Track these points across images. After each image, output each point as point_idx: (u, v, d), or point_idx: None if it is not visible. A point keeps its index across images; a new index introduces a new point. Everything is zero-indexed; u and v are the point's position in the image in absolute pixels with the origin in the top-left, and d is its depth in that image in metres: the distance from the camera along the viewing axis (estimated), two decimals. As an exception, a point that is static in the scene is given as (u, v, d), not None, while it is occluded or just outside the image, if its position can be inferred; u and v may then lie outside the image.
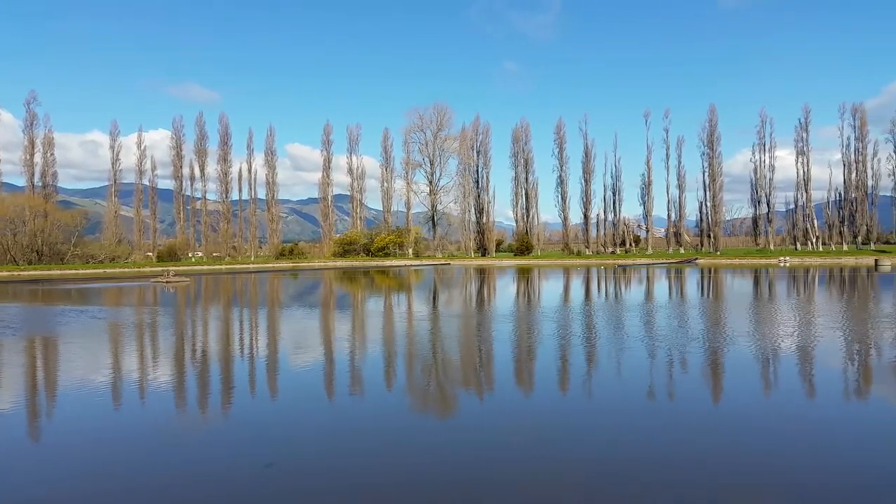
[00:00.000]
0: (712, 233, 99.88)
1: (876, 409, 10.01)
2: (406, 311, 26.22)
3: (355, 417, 9.51)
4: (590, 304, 28.00)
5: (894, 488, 6.49)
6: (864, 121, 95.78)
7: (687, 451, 7.84)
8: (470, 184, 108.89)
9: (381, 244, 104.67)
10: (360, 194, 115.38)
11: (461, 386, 11.93)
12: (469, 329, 19.75)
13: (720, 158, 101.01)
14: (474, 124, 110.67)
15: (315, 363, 14.00)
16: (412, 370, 13.38)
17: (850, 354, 14.49)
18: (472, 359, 14.66)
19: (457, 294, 36.82)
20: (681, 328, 18.70)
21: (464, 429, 8.98)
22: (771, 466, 7.18)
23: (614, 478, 6.92)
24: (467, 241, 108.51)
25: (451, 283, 48.22)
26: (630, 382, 11.90)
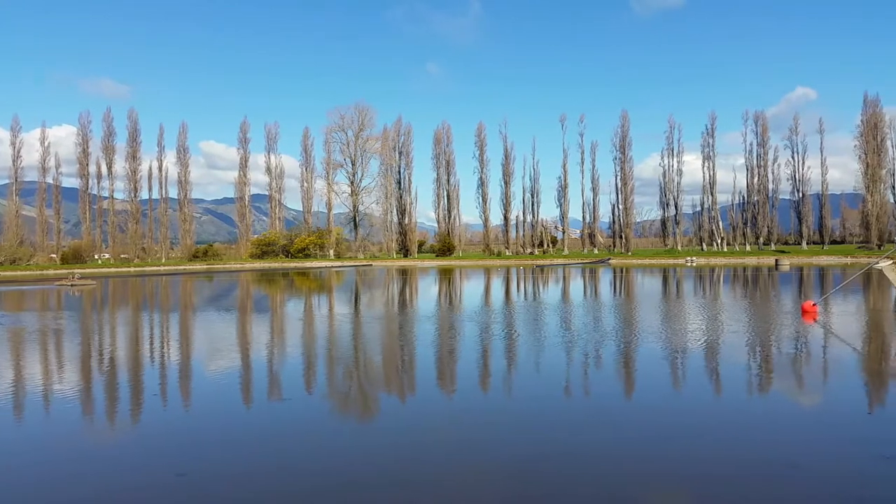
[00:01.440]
0: (624, 234, 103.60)
1: (777, 402, 10.71)
2: (327, 314, 25.94)
3: (272, 423, 9.37)
4: (510, 304, 28.52)
5: (799, 477, 6.98)
6: (765, 127, 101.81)
7: (605, 445, 8.15)
8: (392, 185, 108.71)
9: (302, 245, 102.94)
10: (279, 194, 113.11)
11: (382, 388, 11.94)
12: (391, 331, 19.75)
13: (631, 163, 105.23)
14: (396, 125, 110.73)
15: (231, 369, 13.68)
16: (332, 374, 13.29)
17: (752, 349, 15.40)
18: (394, 361, 14.69)
19: (379, 295, 36.70)
20: (595, 327, 19.35)
21: (385, 431, 9.01)
22: (683, 458, 7.58)
23: (536, 475, 7.12)
24: (389, 242, 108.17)
25: (373, 284, 48.00)
26: (548, 381, 12.23)
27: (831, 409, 10.07)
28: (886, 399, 10.72)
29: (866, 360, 14.31)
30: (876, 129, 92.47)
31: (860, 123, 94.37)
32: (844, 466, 7.15)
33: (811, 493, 6.44)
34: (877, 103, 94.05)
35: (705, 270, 60.60)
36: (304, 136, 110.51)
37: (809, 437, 8.40)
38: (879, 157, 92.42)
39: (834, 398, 10.82)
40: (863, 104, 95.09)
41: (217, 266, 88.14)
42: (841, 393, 11.19)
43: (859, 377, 12.68)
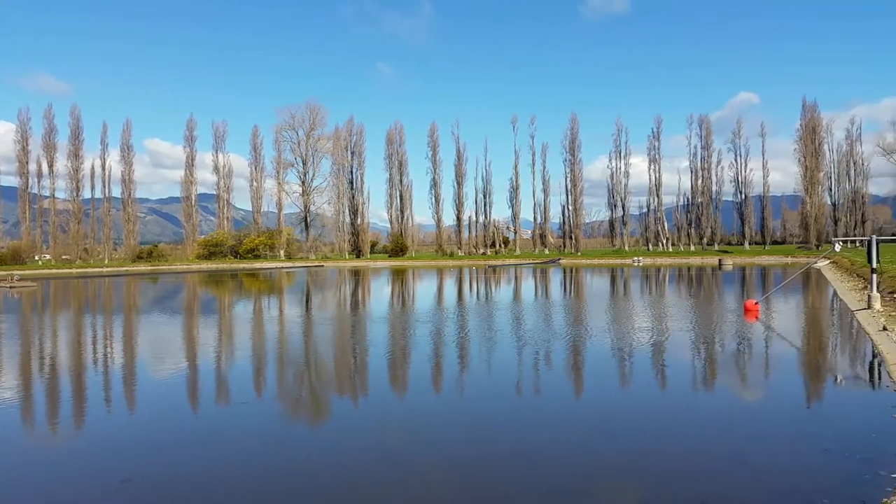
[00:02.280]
0: (574, 234, 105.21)
1: (723, 399, 11.03)
2: (277, 316, 25.58)
3: (220, 427, 9.19)
4: (462, 305, 28.63)
5: (746, 471, 7.20)
6: (709, 131, 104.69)
7: (558, 443, 8.25)
8: (344, 184, 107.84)
9: (251, 246, 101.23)
10: (228, 194, 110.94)
11: (336, 391, 11.84)
12: (343, 333, 19.60)
13: (581, 164, 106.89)
14: (348, 125, 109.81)
15: (177, 373, 13.36)
16: (283, 376, 13.11)
17: (697, 347, 15.82)
18: (347, 363, 14.57)
19: (331, 297, 36.37)
20: (546, 327, 19.58)
21: (340, 433, 8.93)
22: (632, 456, 7.73)
23: (491, 474, 7.16)
24: (342, 242, 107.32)
25: (325, 285, 47.54)
26: (501, 380, 12.33)
27: (774, 405, 10.42)
28: (825, 394, 11.16)
29: (806, 357, 14.87)
30: (814, 133, 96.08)
31: (799, 128, 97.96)
32: (788, 460, 7.40)
33: (758, 487, 6.64)
34: (815, 108, 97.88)
35: (651, 270, 62.00)
36: (254, 134, 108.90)
37: (754, 433, 8.67)
38: (818, 161, 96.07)
39: (776, 394, 11.20)
40: (802, 109, 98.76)
41: (162, 267, 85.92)
42: (783, 389, 11.59)
43: (799, 373, 13.16)
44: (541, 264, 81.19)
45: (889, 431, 8.13)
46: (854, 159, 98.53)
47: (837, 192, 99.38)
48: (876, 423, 8.56)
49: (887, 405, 9.34)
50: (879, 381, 11.40)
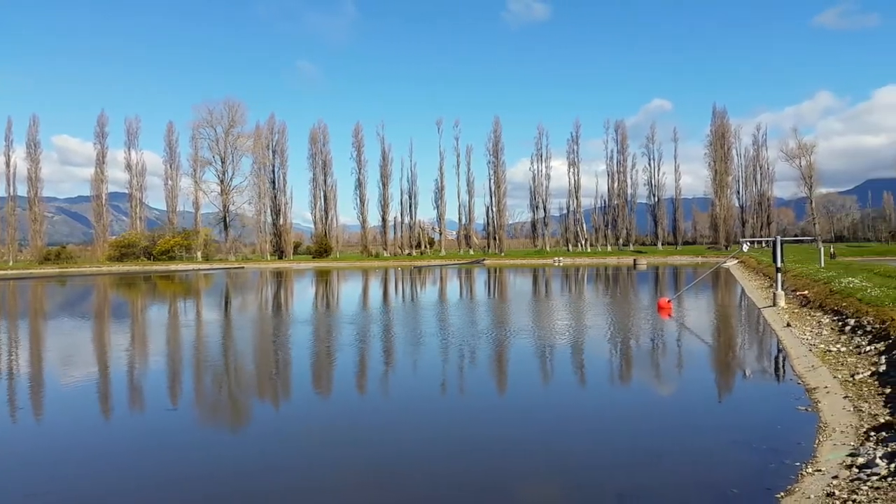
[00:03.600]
0: (497, 235, 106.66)
1: (638, 394, 11.42)
2: (194, 320, 24.73)
3: (132, 437, 8.80)
4: (388, 306, 28.51)
5: (661, 464, 7.46)
6: (624, 136, 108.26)
7: (482, 442, 8.33)
8: (266, 184, 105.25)
9: (166, 247, 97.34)
10: (141, 192, 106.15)
11: (257, 395, 11.55)
12: (264, 336, 19.15)
13: (504, 167, 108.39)
14: (269, 122, 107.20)
15: (85, 381, 12.69)
16: (200, 382, 12.68)
17: (614, 344, 16.33)
18: (268, 367, 14.25)
19: (251, 299, 35.48)
20: (470, 327, 19.75)
21: (262, 438, 8.71)
22: (553, 452, 7.89)
23: (418, 474, 7.15)
24: (263, 243, 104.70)
25: (245, 287, 46.34)
26: (425, 381, 12.34)
27: (687, 399, 10.89)
28: (734, 388, 11.74)
29: (716, 353, 15.60)
30: (723, 138, 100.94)
31: (709, 133, 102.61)
32: (700, 452, 7.74)
33: (671, 478, 6.91)
34: (724, 115, 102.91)
35: (571, 270, 63.61)
36: (168, 131, 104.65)
37: (668, 426, 9.03)
38: (726, 165, 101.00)
39: (689, 388, 11.70)
40: (712, 116, 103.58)
41: (71, 269, 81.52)
42: (695, 383, 12.13)
43: (710, 368, 13.81)
44: (465, 264, 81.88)
45: (793, 422, 8.62)
46: (760, 164, 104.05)
47: (745, 195, 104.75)
48: (781, 415, 9.06)
49: (791, 397, 9.91)
50: (784, 374, 12.08)
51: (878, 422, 7.68)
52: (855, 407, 8.63)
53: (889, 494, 5.38)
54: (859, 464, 6.35)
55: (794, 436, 7.91)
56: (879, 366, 10.38)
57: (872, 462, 6.23)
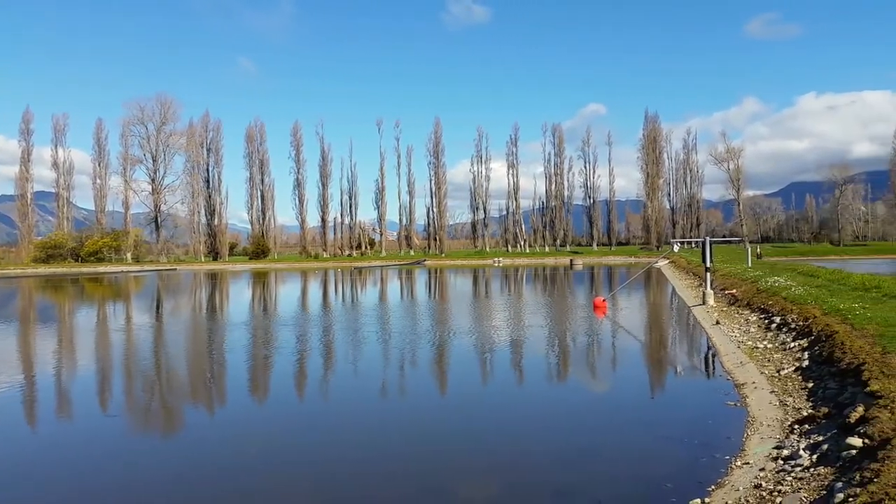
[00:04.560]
0: (438, 236, 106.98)
1: (573, 392, 11.63)
2: (124, 324, 23.85)
3: (62, 444, 8.42)
4: (327, 307, 28.18)
5: (593, 460, 7.61)
6: (561, 139, 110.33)
7: (418, 443, 8.32)
8: (200, 183, 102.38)
9: (94, 248, 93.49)
10: (68, 192, 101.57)
11: (191, 401, 11.23)
12: (197, 340, 18.64)
13: (445, 168, 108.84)
14: (204, 120, 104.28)
15: (9, 389, 12.06)
16: (130, 390, 12.24)
17: (550, 343, 16.58)
18: (202, 372, 13.86)
19: (184, 302, 34.47)
20: (410, 328, 19.72)
21: (190, 443, 8.47)
22: (488, 451, 7.95)
23: (356, 475, 7.08)
24: (197, 244, 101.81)
25: (178, 290, 44.99)
26: (365, 383, 12.24)
27: (621, 396, 11.16)
28: (666, 385, 12.10)
29: (649, 350, 16.05)
30: (655, 142, 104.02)
31: (642, 137, 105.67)
32: (635, 448, 7.94)
33: (607, 474, 7.07)
34: (656, 119, 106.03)
35: (511, 270, 64.34)
36: (97, 128, 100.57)
37: (604, 423, 9.24)
38: (658, 168, 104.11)
39: (623, 385, 11.99)
40: (644, 120, 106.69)
41: (-10, 272, 77.40)
42: (629, 380, 12.44)
43: (643, 366, 14.20)
44: (406, 265, 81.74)
45: (722, 417, 8.94)
46: (690, 167, 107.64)
47: (676, 197, 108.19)
48: (711, 410, 9.39)
49: (721, 393, 10.28)
50: (714, 371, 12.53)
51: (802, 415, 8.05)
52: (780, 401, 9.02)
53: (811, 484, 5.64)
54: (784, 456, 6.64)
55: (723, 430, 8.21)
56: (803, 361, 10.88)
57: (796, 454, 6.53)
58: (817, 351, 10.94)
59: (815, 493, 5.38)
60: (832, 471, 5.75)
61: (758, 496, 5.70)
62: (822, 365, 9.99)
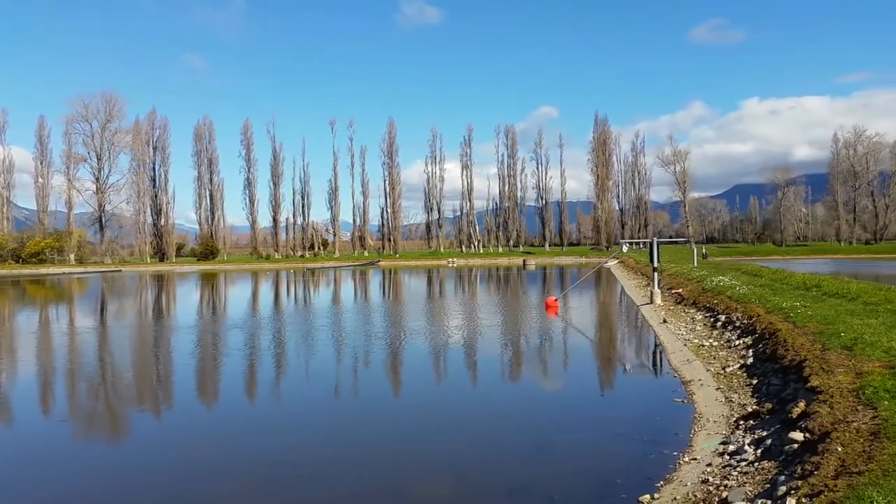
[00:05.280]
0: (392, 237, 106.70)
1: (526, 390, 11.72)
2: (67, 327, 23.03)
3: (2, 453, 8.07)
4: (279, 309, 27.77)
5: (546, 457, 7.67)
6: (514, 141, 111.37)
7: (373, 443, 8.25)
8: (146, 182, 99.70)
9: (35, 249, 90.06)
10: (8, 191, 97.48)
11: (136, 406, 10.90)
12: (143, 344, 18.14)
13: (399, 168, 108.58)
14: (151, 117, 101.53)
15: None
16: (74, 394, 11.82)
17: (504, 343, 16.68)
18: (148, 376, 13.49)
19: (129, 304, 33.51)
20: (363, 329, 19.58)
21: (138, 449, 8.22)
22: (445, 451, 7.95)
23: (305, 478, 6.98)
24: (143, 245, 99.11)
25: (123, 292, 43.72)
26: (317, 385, 12.10)
27: (572, 394, 11.30)
28: (616, 382, 12.31)
29: (599, 349, 16.31)
30: (605, 145, 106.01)
31: (592, 140, 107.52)
32: (585, 445, 8.05)
33: (559, 471, 7.14)
34: (606, 122, 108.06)
35: (465, 271, 64.57)
36: (40, 125, 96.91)
37: (555, 421, 9.33)
38: (608, 170, 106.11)
39: (574, 384, 12.15)
40: (594, 123, 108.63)
41: (-80, 274, 73.81)
42: (579, 379, 12.61)
43: (594, 364, 14.42)
44: (360, 266, 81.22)
45: (670, 414, 9.14)
46: (638, 169, 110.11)
47: (624, 199, 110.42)
48: (659, 407, 9.59)
49: (668, 390, 10.51)
50: (661, 368, 12.80)
51: (747, 411, 8.28)
52: (726, 398, 9.27)
53: (756, 478, 5.80)
54: (730, 451, 6.82)
55: (671, 426, 8.39)
56: (747, 358, 11.21)
57: (742, 449, 6.71)
58: (761, 348, 11.29)
59: (760, 487, 5.53)
60: (775, 464, 5.93)
61: (705, 491, 5.84)
62: (766, 362, 10.30)
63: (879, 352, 8.27)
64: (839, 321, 11.04)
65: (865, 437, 5.34)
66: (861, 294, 14.92)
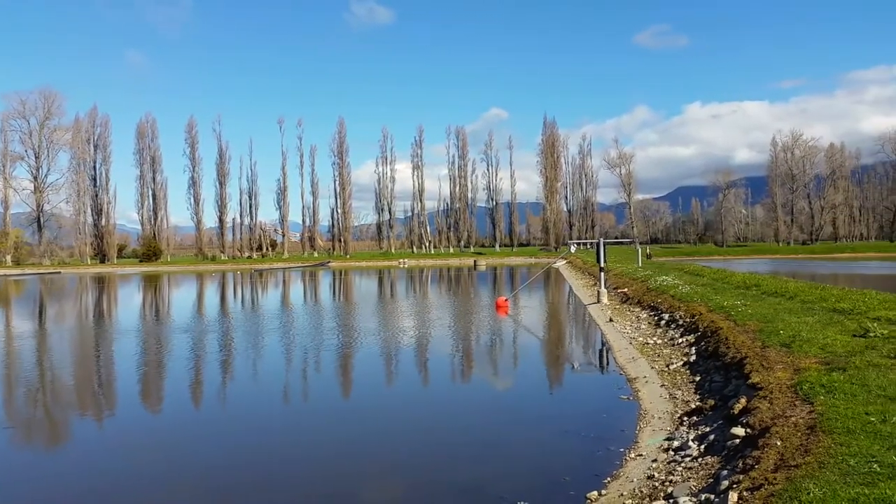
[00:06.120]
0: (343, 237, 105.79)
1: (476, 389, 11.75)
2: (2, 332, 22.04)
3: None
4: (225, 312, 27.20)
5: (497, 455, 7.69)
6: (465, 142, 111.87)
7: (322, 446, 8.14)
8: (86, 181, 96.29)
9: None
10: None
11: (75, 411, 10.50)
12: (83, 349, 17.51)
13: (349, 168, 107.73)
14: (91, 115, 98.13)
15: None
16: (11, 399, 11.32)
17: (455, 343, 16.71)
18: (89, 382, 13.02)
19: (69, 307, 32.31)
20: (313, 331, 19.33)
21: (84, 456, 7.92)
22: (394, 452, 7.90)
23: (254, 481, 6.83)
24: (83, 246, 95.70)
25: (62, 294, 42.13)
26: (265, 389, 11.90)
27: (522, 393, 11.39)
28: (564, 381, 12.45)
29: (547, 348, 16.49)
30: (553, 147, 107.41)
31: (541, 142, 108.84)
32: (535, 443, 8.11)
33: (509, 469, 7.17)
34: (554, 125, 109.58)
35: (416, 271, 64.51)
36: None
37: (505, 420, 9.38)
38: (556, 172, 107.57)
39: (523, 383, 12.24)
40: (543, 125, 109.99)
41: None
42: (529, 377, 12.72)
43: (543, 363, 14.57)
44: (310, 267, 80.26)
45: (616, 411, 9.29)
46: (585, 172, 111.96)
47: (572, 200, 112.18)
48: (606, 404, 9.74)
49: (614, 387, 10.69)
50: (608, 366, 13.01)
51: (690, 407, 8.48)
52: (670, 394, 9.48)
53: (700, 473, 5.94)
54: (675, 447, 6.97)
55: (618, 423, 8.53)
56: (690, 356, 11.49)
57: (686, 445, 6.86)
58: (703, 346, 11.59)
59: (704, 482, 5.66)
60: (718, 459, 6.08)
61: (651, 486, 5.95)
62: (709, 359, 10.58)
63: (816, 348, 8.58)
64: (778, 319, 11.42)
65: (803, 432, 5.52)
66: (798, 293, 15.48)
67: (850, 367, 7.23)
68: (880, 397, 6.07)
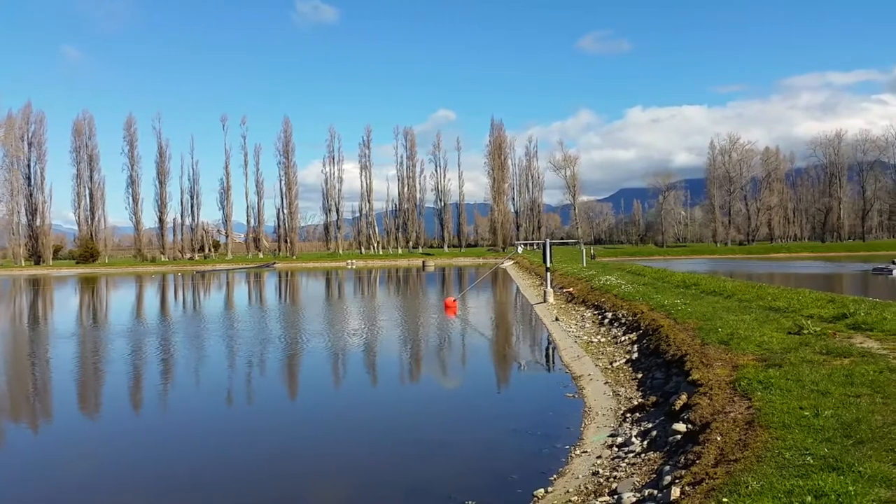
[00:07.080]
0: (289, 238, 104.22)
1: (425, 389, 11.73)
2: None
3: None
4: (165, 315, 26.44)
5: (446, 454, 7.67)
6: (413, 143, 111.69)
7: (273, 448, 7.98)
8: (20, 180, 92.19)
9: None
10: None
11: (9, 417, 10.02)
12: (17, 352, 16.75)
13: (295, 168, 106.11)
14: (25, 112, 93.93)
15: None
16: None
17: (403, 344, 16.65)
18: (23, 386, 12.45)
19: (1, 311, 30.89)
20: (258, 334, 18.98)
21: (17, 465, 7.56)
22: (344, 452, 7.80)
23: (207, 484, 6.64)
24: (16, 247, 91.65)
25: (-10, 297, 40.22)
26: (208, 393, 11.62)
27: (469, 392, 11.42)
28: (511, 379, 12.54)
29: (495, 347, 16.59)
30: (500, 148, 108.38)
31: (488, 144, 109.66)
32: (483, 442, 8.14)
33: (456, 469, 7.17)
34: (501, 127, 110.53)
35: (364, 272, 64.08)
36: None
37: (453, 419, 9.38)
38: (503, 173, 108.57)
39: (471, 382, 12.29)
40: (490, 127, 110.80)
41: None
42: (476, 377, 12.77)
43: (490, 362, 14.65)
44: (255, 268, 78.78)
45: (562, 409, 9.41)
46: (532, 173, 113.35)
47: (519, 201, 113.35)
48: (552, 402, 9.85)
49: (560, 385, 10.82)
50: (554, 364, 13.17)
51: (633, 404, 8.64)
52: (614, 392, 9.64)
53: (643, 469, 6.05)
54: (619, 443, 7.09)
55: (563, 421, 8.63)
56: (632, 354, 11.72)
57: (629, 441, 6.98)
58: (645, 344, 11.84)
59: (647, 477, 5.77)
60: (661, 455, 6.21)
61: (596, 483, 6.03)
62: (650, 357, 10.81)
63: (753, 346, 8.85)
64: (716, 317, 11.75)
65: (741, 427, 5.68)
66: (736, 292, 15.97)
67: (785, 364, 7.49)
68: (813, 392, 6.29)
